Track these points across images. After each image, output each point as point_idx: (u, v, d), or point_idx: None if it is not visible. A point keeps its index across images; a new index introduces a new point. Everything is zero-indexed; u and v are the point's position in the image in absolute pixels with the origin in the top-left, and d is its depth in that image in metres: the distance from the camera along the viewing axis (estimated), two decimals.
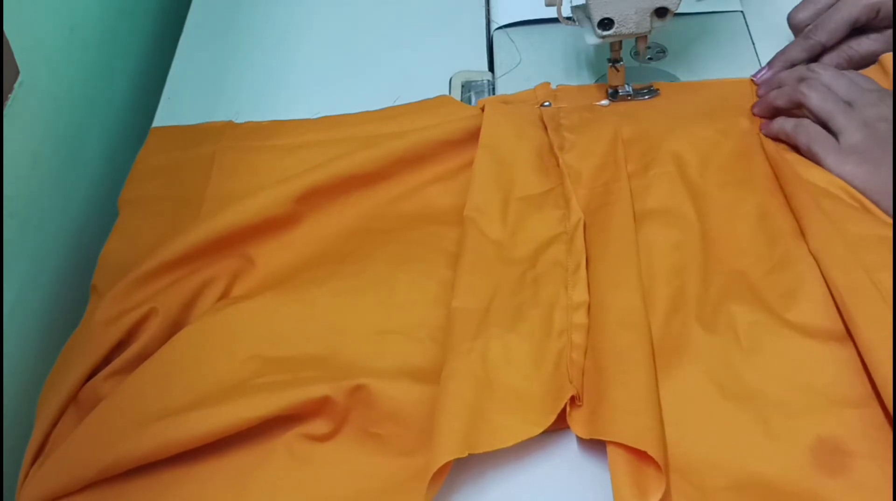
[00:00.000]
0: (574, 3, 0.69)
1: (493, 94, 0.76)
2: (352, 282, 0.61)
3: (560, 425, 0.52)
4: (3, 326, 0.62)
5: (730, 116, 0.69)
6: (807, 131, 0.64)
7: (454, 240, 0.63)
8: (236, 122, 0.76)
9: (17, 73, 0.66)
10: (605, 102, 0.72)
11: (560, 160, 0.66)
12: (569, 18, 0.69)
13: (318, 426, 0.53)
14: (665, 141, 0.67)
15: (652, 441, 0.48)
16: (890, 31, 0.69)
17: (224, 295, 0.62)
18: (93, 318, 0.59)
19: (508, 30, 0.80)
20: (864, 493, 0.47)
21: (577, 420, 0.52)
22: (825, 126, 0.63)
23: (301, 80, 0.80)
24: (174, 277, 0.62)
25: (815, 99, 0.64)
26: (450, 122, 0.70)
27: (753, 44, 0.76)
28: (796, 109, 0.66)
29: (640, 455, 0.48)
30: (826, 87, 0.65)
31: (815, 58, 0.70)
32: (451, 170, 0.68)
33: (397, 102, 0.75)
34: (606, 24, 0.66)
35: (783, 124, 0.65)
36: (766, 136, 0.66)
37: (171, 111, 0.78)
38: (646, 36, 0.69)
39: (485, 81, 0.77)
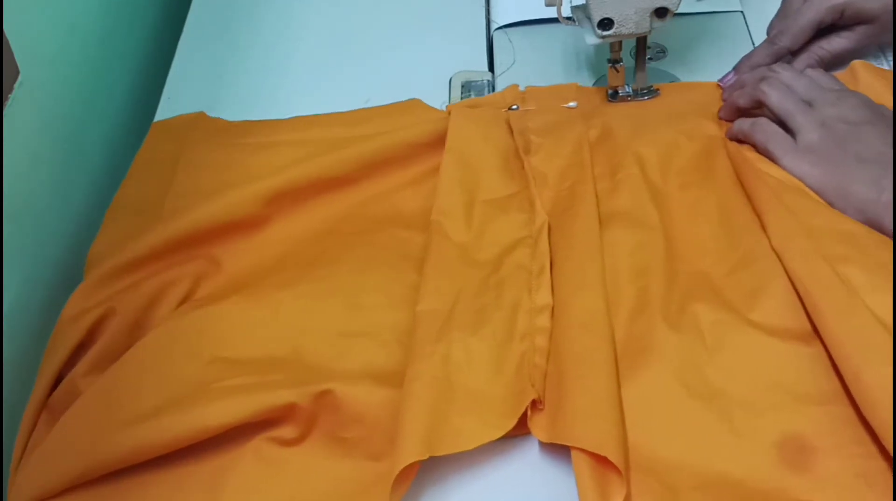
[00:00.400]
0: (574, 3, 0.69)
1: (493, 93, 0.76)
2: (318, 285, 0.61)
3: (522, 429, 0.52)
4: (3, 326, 0.62)
5: (697, 119, 0.69)
6: (763, 130, 0.64)
7: (421, 245, 0.63)
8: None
9: (17, 73, 0.66)
10: (572, 104, 0.72)
11: (525, 163, 0.66)
12: (569, 18, 0.69)
13: (287, 430, 0.53)
14: (630, 144, 0.67)
15: (612, 445, 0.48)
16: (861, 29, 0.68)
17: (187, 297, 0.62)
18: (60, 316, 0.60)
19: (508, 30, 0.80)
20: (832, 489, 0.47)
21: (538, 424, 0.52)
22: (784, 125, 0.63)
23: (301, 79, 0.80)
24: (136, 276, 0.62)
25: (774, 97, 0.64)
26: (417, 125, 0.70)
27: (753, 44, 0.76)
28: (758, 109, 0.66)
29: (603, 458, 0.48)
30: (786, 85, 0.65)
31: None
32: (420, 174, 0.68)
33: (368, 104, 0.75)
34: (606, 24, 0.66)
35: (741, 125, 0.65)
36: (729, 139, 0.66)
37: (171, 111, 0.78)
38: (645, 38, 0.69)
39: (485, 81, 0.77)
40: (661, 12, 0.66)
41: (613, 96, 0.72)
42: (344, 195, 0.67)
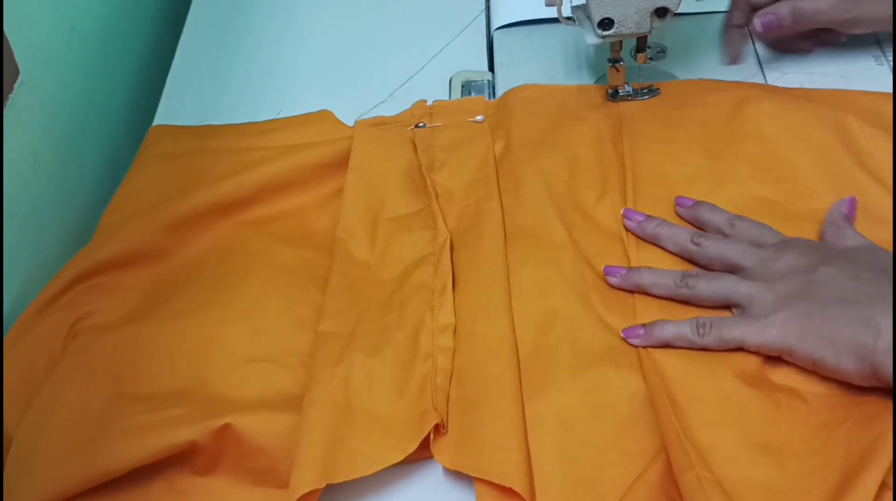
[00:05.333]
0: (574, 3, 0.69)
1: (494, 94, 0.76)
2: (223, 311, 0.60)
3: (425, 453, 0.52)
4: (4, 326, 0.62)
5: (593, 123, 0.69)
6: (707, 328, 0.54)
7: (328, 266, 0.62)
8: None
9: (17, 73, 0.66)
10: (479, 118, 0.72)
11: (428, 181, 0.66)
12: (569, 18, 0.69)
13: (195, 462, 0.53)
14: (533, 158, 0.67)
15: (518, 476, 0.48)
16: None
17: (76, 323, 0.61)
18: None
19: (508, 30, 0.81)
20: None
21: (441, 450, 0.52)
22: (728, 307, 0.56)
23: (301, 80, 0.80)
24: (41, 317, 0.61)
25: (704, 290, 0.56)
26: (322, 146, 0.69)
27: (753, 44, 0.76)
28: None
29: (507, 487, 0.48)
30: (715, 259, 0.58)
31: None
32: (327, 195, 0.68)
33: (280, 115, 0.75)
34: (606, 24, 0.66)
35: (677, 332, 0.55)
36: (655, 346, 0.56)
37: (171, 111, 0.78)
38: (645, 38, 0.69)
39: (485, 81, 0.77)
40: (661, 12, 0.66)
41: (614, 96, 0.72)
42: (247, 217, 0.67)
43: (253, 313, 0.60)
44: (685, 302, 0.57)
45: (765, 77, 0.73)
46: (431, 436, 0.52)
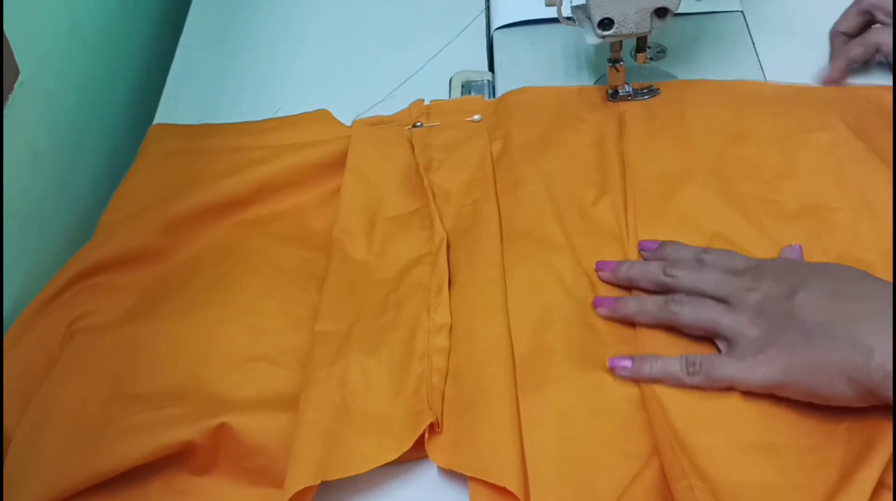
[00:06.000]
0: (574, 3, 0.69)
1: (494, 94, 0.76)
2: (220, 311, 0.60)
3: (422, 453, 0.52)
4: (4, 326, 0.62)
5: (593, 124, 0.69)
6: (697, 367, 0.52)
7: (326, 266, 0.62)
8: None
9: (17, 73, 0.66)
10: (477, 117, 0.72)
11: (425, 180, 0.66)
12: (569, 18, 0.69)
13: (192, 462, 0.53)
14: (533, 158, 0.67)
15: (513, 476, 0.49)
16: None
17: (74, 323, 0.61)
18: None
19: (508, 30, 0.80)
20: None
21: (436, 449, 0.52)
22: (712, 338, 0.54)
23: (301, 79, 0.80)
24: (40, 316, 0.61)
25: (688, 315, 0.54)
26: (320, 145, 0.69)
27: (753, 44, 0.76)
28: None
29: (502, 487, 0.48)
30: (692, 290, 0.55)
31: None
32: (325, 194, 0.68)
33: (278, 114, 0.75)
34: (606, 24, 0.66)
35: (666, 369, 0.53)
36: (643, 382, 0.54)
37: (171, 111, 0.78)
38: (645, 38, 0.69)
39: (485, 81, 0.77)
40: (661, 12, 0.66)
41: (614, 96, 0.72)
42: (246, 217, 0.67)
43: (251, 312, 0.60)
44: (671, 328, 0.55)
45: (765, 77, 0.73)
46: (426, 435, 0.52)
